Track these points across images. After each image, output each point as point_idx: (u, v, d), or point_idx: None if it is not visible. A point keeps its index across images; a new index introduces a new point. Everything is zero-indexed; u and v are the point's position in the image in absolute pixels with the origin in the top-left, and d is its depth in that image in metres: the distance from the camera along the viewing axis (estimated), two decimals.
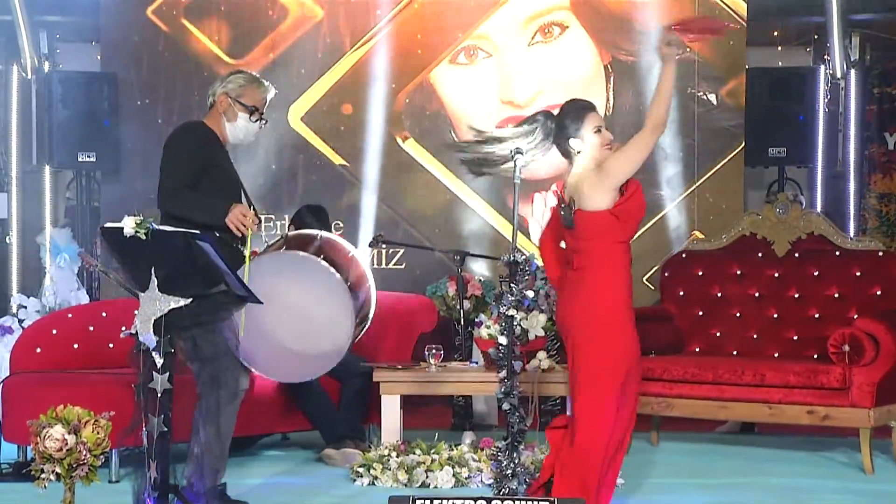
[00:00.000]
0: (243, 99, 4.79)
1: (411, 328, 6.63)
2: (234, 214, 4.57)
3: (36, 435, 4.11)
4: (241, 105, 4.78)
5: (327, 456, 5.96)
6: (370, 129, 8.31)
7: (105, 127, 8.10)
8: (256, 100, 4.82)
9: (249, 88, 4.82)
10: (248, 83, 4.84)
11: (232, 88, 4.79)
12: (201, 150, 4.70)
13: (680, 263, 6.97)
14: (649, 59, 8.11)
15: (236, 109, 4.78)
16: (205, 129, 4.78)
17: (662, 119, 4.25)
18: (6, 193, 8.68)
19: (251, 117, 4.80)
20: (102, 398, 4.99)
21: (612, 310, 4.23)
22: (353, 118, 8.34)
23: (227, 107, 4.78)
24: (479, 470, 5.47)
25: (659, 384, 6.20)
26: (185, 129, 4.82)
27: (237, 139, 4.85)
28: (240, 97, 4.79)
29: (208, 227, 4.51)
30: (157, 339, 4.12)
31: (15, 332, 6.99)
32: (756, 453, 6.33)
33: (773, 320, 6.67)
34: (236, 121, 4.79)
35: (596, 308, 4.22)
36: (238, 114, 4.78)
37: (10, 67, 8.61)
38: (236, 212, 4.58)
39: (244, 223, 4.56)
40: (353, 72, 8.33)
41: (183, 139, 4.74)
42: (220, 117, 4.80)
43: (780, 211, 6.77)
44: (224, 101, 4.78)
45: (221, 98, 4.79)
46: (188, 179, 4.63)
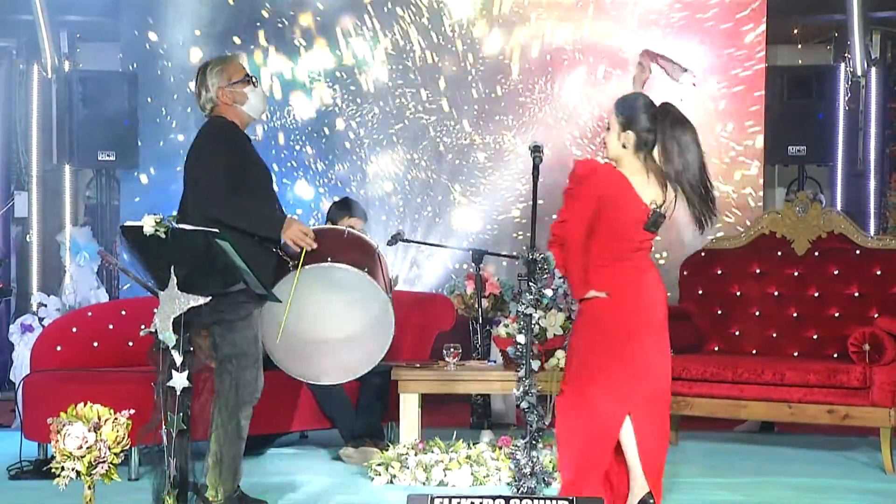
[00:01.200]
0: (235, 77, 4.74)
1: (430, 327, 6.63)
2: (293, 232, 4.58)
3: (56, 433, 4.13)
4: (238, 83, 4.73)
5: (346, 454, 5.97)
6: None
7: (125, 126, 8.12)
8: (242, 70, 4.79)
9: (229, 67, 4.77)
10: (225, 63, 4.79)
11: (220, 80, 4.73)
12: (234, 149, 4.64)
13: (699, 262, 6.95)
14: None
15: (239, 89, 4.73)
16: (229, 124, 4.72)
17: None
18: (27, 192, 8.73)
19: (253, 84, 4.76)
20: (122, 396, 4.99)
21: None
22: None
23: (231, 96, 4.73)
24: (498, 469, 5.46)
25: (678, 383, 6.16)
26: (212, 129, 4.71)
27: (259, 111, 4.83)
28: (231, 79, 4.73)
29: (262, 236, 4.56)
30: (177, 337, 4.13)
31: (35, 330, 7.02)
32: (776, 452, 6.31)
33: (792, 319, 6.64)
34: (247, 98, 4.75)
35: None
36: (243, 91, 4.74)
37: (31, 67, 8.65)
38: (295, 229, 4.59)
39: (303, 241, 4.59)
40: None
41: (214, 141, 4.65)
42: (232, 108, 4.73)
43: (799, 210, 6.74)
44: (224, 93, 4.72)
45: (221, 94, 4.72)
46: (231, 182, 4.56)
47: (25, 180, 8.74)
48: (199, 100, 4.78)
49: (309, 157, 8.43)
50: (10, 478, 5.56)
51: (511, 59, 8.34)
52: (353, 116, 8.40)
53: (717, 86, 8.18)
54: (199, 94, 4.76)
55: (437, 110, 8.40)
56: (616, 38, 8.28)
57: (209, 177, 4.57)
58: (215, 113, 4.75)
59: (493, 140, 8.35)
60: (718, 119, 8.23)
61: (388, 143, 8.40)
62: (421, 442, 5.67)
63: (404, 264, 8.29)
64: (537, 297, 4.22)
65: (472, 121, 8.37)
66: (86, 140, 8.08)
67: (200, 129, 4.77)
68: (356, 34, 8.37)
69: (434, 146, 8.39)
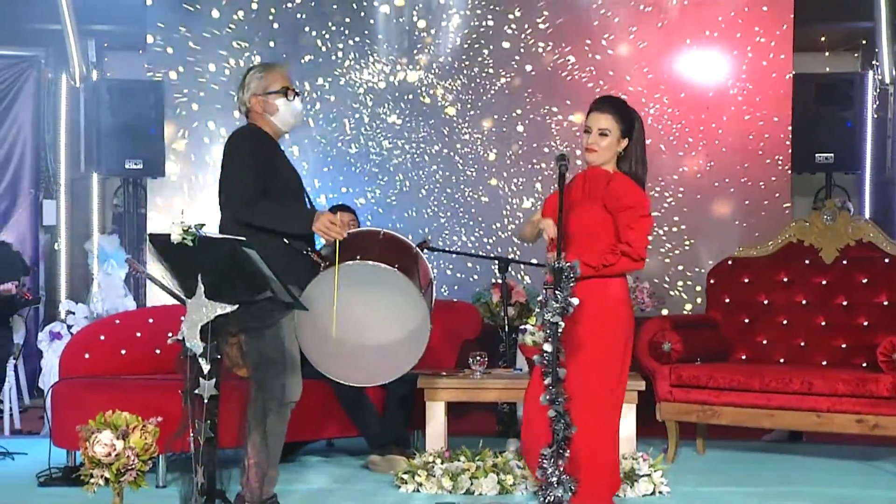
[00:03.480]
0: (271, 87, 4.75)
1: (456, 335, 6.63)
2: (321, 223, 4.54)
3: (85, 440, 4.15)
4: (273, 94, 4.74)
5: (372, 462, 5.97)
6: None
7: (152, 134, 8.16)
8: (282, 80, 4.78)
9: (269, 75, 4.77)
10: (266, 72, 4.80)
11: (256, 86, 4.75)
12: (261, 155, 4.67)
13: (726, 271, 6.91)
14: None
15: (272, 100, 4.74)
16: (258, 131, 4.75)
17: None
18: (55, 200, 8.79)
19: (288, 97, 4.76)
20: (150, 404, 5.01)
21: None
22: None
23: (263, 105, 4.74)
24: (524, 477, 5.45)
25: (705, 392, 6.16)
26: (240, 136, 4.74)
27: (290, 125, 4.82)
28: (268, 89, 4.74)
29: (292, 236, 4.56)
30: (204, 345, 4.14)
31: (64, 337, 7.06)
32: (803, 462, 6.27)
33: (821, 328, 6.60)
34: (278, 110, 4.75)
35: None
36: (276, 103, 4.74)
37: (59, 76, 8.72)
38: (324, 220, 4.55)
39: (333, 231, 4.56)
40: None
41: (242, 147, 4.68)
42: (263, 116, 4.76)
43: (827, 218, 6.70)
44: (257, 101, 4.74)
45: (254, 101, 4.75)
46: (259, 187, 4.58)
47: (54, 188, 8.81)
48: (237, 101, 4.84)
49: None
50: (39, 484, 5.58)
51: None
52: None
53: (743, 94, 8.16)
54: (238, 96, 4.82)
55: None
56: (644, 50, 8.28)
57: (237, 182, 4.60)
58: (249, 119, 4.81)
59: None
60: (745, 127, 8.20)
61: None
62: (447, 450, 5.67)
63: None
64: (564, 306, 4.20)
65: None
66: (113, 148, 8.13)
67: (229, 136, 4.81)
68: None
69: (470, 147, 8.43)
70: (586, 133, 4.43)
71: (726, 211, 8.26)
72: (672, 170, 8.22)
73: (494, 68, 8.41)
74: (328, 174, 8.44)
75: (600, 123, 4.41)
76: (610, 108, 4.44)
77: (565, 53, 8.34)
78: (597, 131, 4.41)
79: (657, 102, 8.23)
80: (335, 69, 8.42)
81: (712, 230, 8.28)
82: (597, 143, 4.41)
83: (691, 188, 8.22)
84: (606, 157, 4.43)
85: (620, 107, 4.48)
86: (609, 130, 4.41)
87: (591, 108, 4.46)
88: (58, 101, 8.79)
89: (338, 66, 8.42)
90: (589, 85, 8.25)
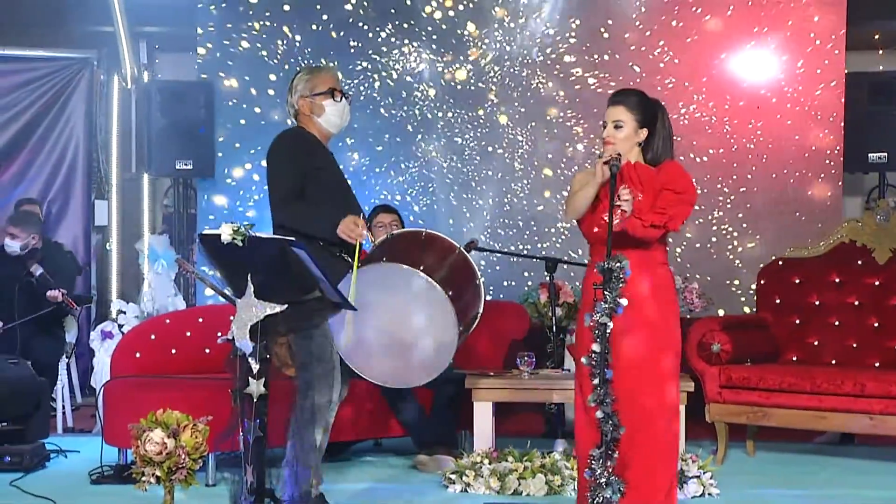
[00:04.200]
0: (318, 89, 4.83)
1: (503, 335, 6.62)
2: (345, 225, 4.58)
3: (136, 438, 4.19)
4: (320, 95, 4.83)
5: (420, 462, 5.98)
6: None
7: (201, 135, 8.22)
8: (329, 82, 4.86)
9: (316, 78, 4.87)
10: (313, 74, 4.89)
11: (303, 88, 4.85)
12: (302, 156, 4.74)
13: (777, 271, 6.86)
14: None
15: (319, 101, 4.82)
16: (303, 133, 4.84)
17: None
18: (107, 201, 8.88)
19: (334, 98, 4.84)
20: (200, 403, 5.06)
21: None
22: None
23: (310, 106, 4.84)
24: (572, 478, 5.43)
25: (755, 393, 6.11)
26: (283, 137, 4.86)
27: (337, 126, 4.89)
28: (314, 90, 4.83)
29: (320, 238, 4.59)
30: (254, 344, 4.17)
31: (115, 336, 7.13)
32: (855, 465, 6.20)
33: (873, 329, 6.53)
34: (324, 111, 4.83)
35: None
36: (322, 104, 4.83)
37: (112, 77, 8.81)
38: (347, 222, 4.58)
39: (355, 233, 4.58)
40: None
41: (283, 148, 4.79)
42: (310, 118, 4.85)
43: (880, 218, 6.62)
44: (304, 103, 4.84)
45: (301, 103, 4.85)
46: (296, 188, 4.68)
47: (106, 189, 8.90)
48: (287, 105, 4.92)
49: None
50: (91, 482, 5.64)
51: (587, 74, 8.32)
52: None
53: (796, 93, 8.08)
54: (287, 100, 4.91)
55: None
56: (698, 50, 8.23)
57: (272, 187, 4.73)
58: (298, 121, 4.90)
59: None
60: (798, 126, 8.12)
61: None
62: (495, 450, 5.66)
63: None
64: (612, 307, 4.18)
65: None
66: (163, 149, 8.19)
67: (274, 138, 4.88)
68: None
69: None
70: (603, 128, 4.42)
71: (778, 211, 8.18)
72: (724, 170, 8.15)
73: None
74: (380, 175, 8.45)
75: (614, 116, 4.41)
76: (623, 100, 4.44)
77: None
78: (612, 124, 4.41)
79: (708, 102, 8.16)
80: (387, 67, 8.44)
81: (764, 230, 8.20)
82: (613, 135, 4.41)
83: (743, 188, 8.15)
84: (625, 149, 4.40)
85: (635, 98, 4.46)
86: (623, 122, 4.40)
87: (609, 102, 4.46)
88: (110, 103, 8.88)
89: (390, 64, 8.43)
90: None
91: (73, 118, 8.90)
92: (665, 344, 4.38)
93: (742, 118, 8.14)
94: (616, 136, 4.40)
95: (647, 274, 4.33)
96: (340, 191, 4.84)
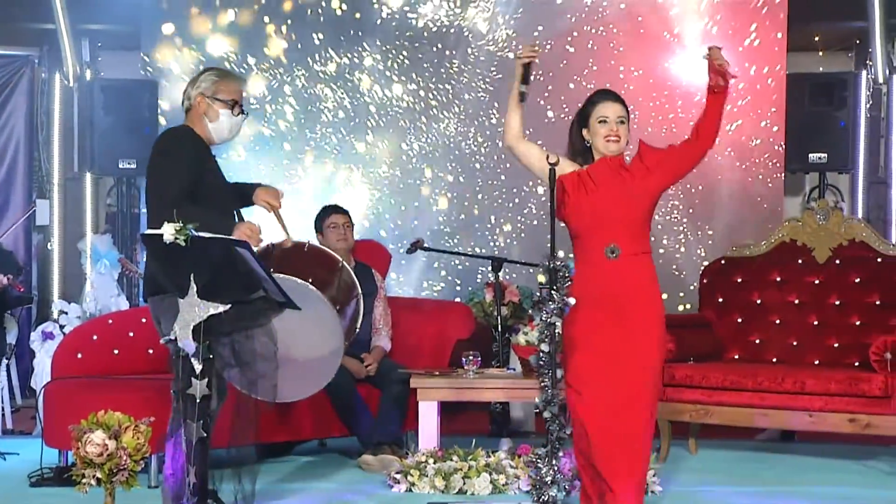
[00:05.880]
0: (220, 95, 4.63)
1: (448, 335, 6.63)
2: (241, 231, 4.42)
3: (77, 440, 4.14)
4: (220, 101, 4.63)
5: (365, 462, 5.97)
6: None
7: (146, 134, 8.14)
8: (234, 93, 4.67)
9: (224, 83, 4.67)
10: (222, 78, 4.69)
11: (206, 87, 4.64)
12: (194, 158, 4.56)
13: (719, 270, 6.92)
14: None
15: (216, 107, 4.63)
16: (193, 133, 4.64)
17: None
18: (48, 200, 8.78)
19: (232, 111, 4.65)
20: (142, 404, 5.02)
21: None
22: None
23: (206, 107, 4.63)
24: (517, 477, 5.46)
25: (698, 391, 6.16)
26: (175, 136, 4.65)
27: (222, 137, 4.70)
28: (216, 94, 4.63)
29: None
30: (197, 345, 4.14)
31: (56, 337, 7.05)
32: (796, 461, 6.28)
33: (813, 327, 6.61)
34: (218, 119, 4.63)
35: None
36: (219, 111, 4.63)
37: (53, 75, 8.71)
38: (244, 228, 4.45)
39: (254, 239, 4.44)
40: None
41: (176, 147, 4.58)
42: (201, 119, 4.64)
43: (820, 217, 6.71)
44: (201, 101, 4.63)
45: (198, 99, 4.64)
46: (187, 190, 4.48)
47: (47, 188, 8.80)
48: (184, 95, 4.71)
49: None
50: (31, 485, 5.57)
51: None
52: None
53: (737, 93, 8.16)
54: (186, 90, 4.70)
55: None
56: (637, 48, 8.29)
57: (162, 185, 4.50)
58: (187, 117, 4.70)
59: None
60: (739, 127, 8.21)
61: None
62: (440, 450, 5.67)
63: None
64: (561, 307, 4.20)
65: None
66: (107, 148, 8.12)
67: (161, 134, 4.74)
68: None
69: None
70: (601, 123, 4.38)
71: (720, 211, 8.26)
72: None
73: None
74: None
75: (618, 112, 4.39)
76: (620, 98, 4.45)
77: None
78: (616, 119, 4.39)
79: (649, 102, 8.23)
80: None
81: (706, 229, 8.28)
82: (617, 130, 4.39)
83: (684, 188, 8.22)
84: (624, 143, 4.42)
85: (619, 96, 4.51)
86: (624, 118, 4.41)
87: (604, 99, 4.41)
88: (51, 101, 8.77)
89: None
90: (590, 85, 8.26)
91: (13, 116, 8.78)
92: (663, 330, 4.39)
93: (683, 119, 8.21)
94: (621, 132, 4.40)
95: (647, 260, 4.33)
96: (226, 195, 4.70)
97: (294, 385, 4.74)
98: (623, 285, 4.27)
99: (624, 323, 4.25)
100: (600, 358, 4.23)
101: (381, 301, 6.48)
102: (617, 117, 4.39)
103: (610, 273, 4.27)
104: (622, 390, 4.23)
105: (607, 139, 4.34)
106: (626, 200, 4.31)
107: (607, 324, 4.24)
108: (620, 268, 4.27)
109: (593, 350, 4.25)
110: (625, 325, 4.25)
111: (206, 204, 4.52)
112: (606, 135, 4.35)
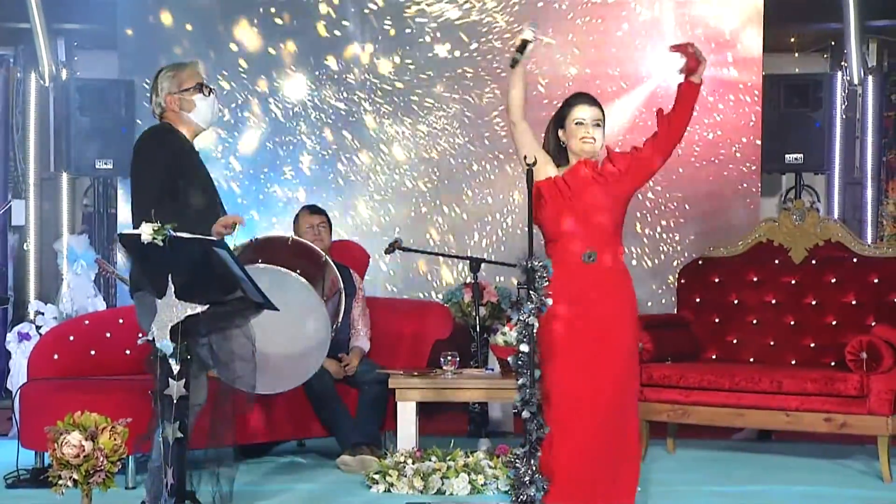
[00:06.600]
0: (185, 84, 4.66)
1: (427, 335, 6.63)
2: (218, 226, 4.45)
3: (53, 441, 4.13)
4: (188, 90, 4.66)
5: (343, 462, 5.96)
6: None
7: (122, 134, 8.11)
8: (195, 77, 4.70)
9: (182, 73, 4.69)
10: (178, 70, 4.72)
11: (170, 85, 4.66)
12: (175, 155, 4.58)
13: (696, 270, 6.95)
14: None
15: (188, 97, 4.66)
16: (173, 130, 4.66)
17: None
18: (24, 200, 8.72)
19: (203, 93, 4.68)
20: (119, 405, 5.01)
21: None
22: None
23: (179, 103, 4.65)
24: (495, 477, 5.46)
25: (675, 391, 6.19)
26: (154, 134, 4.66)
27: (207, 121, 4.73)
28: (181, 86, 4.66)
29: None
30: (174, 345, 4.13)
31: (32, 338, 7.02)
32: (773, 461, 6.31)
33: (790, 327, 6.64)
34: (195, 106, 4.67)
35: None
36: (192, 99, 4.66)
37: (29, 75, 8.65)
38: (222, 220, 4.48)
39: (224, 231, 4.46)
40: None
41: (155, 145, 4.60)
42: (179, 115, 4.66)
43: (796, 218, 6.74)
44: (172, 100, 4.65)
45: (169, 100, 4.66)
46: (168, 187, 4.49)
47: (23, 188, 8.74)
48: (151, 104, 4.75)
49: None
50: (7, 486, 5.54)
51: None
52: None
53: (713, 94, 8.19)
54: (151, 98, 4.73)
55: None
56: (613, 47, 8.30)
57: (146, 181, 4.51)
58: (164, 119, 4.71)
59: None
60: (714, 127, 8.24)
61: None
62: (418, 450, 5.67)
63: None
64: (539, 307, 4.21)
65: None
66: (83, 148, 8.07)
67: (140, 134, 4.74)
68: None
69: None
70: (578, 125, 4.40)
71: (697, 211, 8.29)
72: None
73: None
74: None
75: (595, 115, 4.42)
76: (598, 102, 4.49)
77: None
78: (592, 122, 4.41)
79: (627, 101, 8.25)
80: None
81: (683, 229, 8.31)
82: (594, 133, 4.42)
83: (661, 188, 8.24)
84: (598, 148, 4.45)
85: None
86: (600, 122, 4.44)
87: (581, 101, 4.44)
88: (27, 101, 8.71)
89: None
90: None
91: None
92: (636, 329, 4.47)
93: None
94: (596, 134, 4.42)
95: (622, 263, 4.39)
96: (210, 191, 4.70)
97: (280, 376, 4.75)
98: (599, 290, 4.30)
99: (600, 326, 4.28)
100: (580, 365, 4.25)
101: (359, 301, 6.48)
102: (593, 120, 4.42)
103: (587, 277, 4.30)
104: (601, 397, 4.26)
105: (583, 140, 4.38)
106: (602, 206, 4.36)
107: (585, 329, 4.27)
108: (597, 272, 4.30)
109: (572, 357, 4.27)
110: (601, 328, 4.29)
111: (188, 200, 4.55)
112: (582, 136, 4.38)
